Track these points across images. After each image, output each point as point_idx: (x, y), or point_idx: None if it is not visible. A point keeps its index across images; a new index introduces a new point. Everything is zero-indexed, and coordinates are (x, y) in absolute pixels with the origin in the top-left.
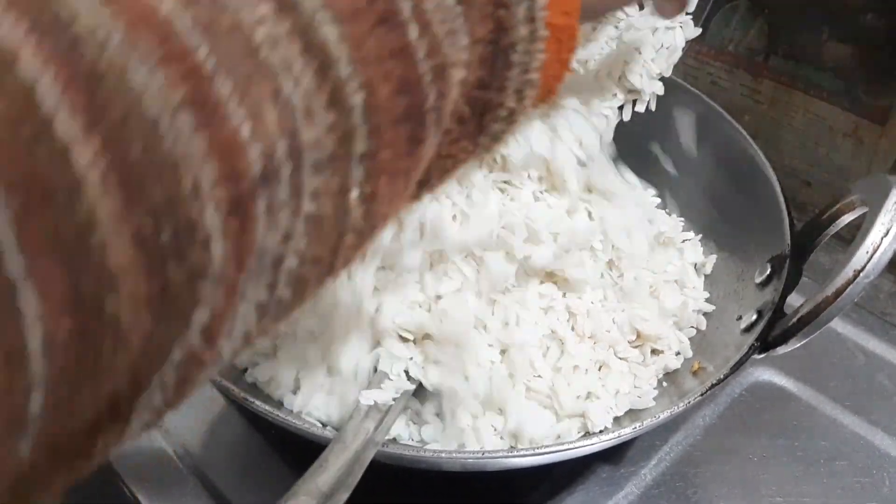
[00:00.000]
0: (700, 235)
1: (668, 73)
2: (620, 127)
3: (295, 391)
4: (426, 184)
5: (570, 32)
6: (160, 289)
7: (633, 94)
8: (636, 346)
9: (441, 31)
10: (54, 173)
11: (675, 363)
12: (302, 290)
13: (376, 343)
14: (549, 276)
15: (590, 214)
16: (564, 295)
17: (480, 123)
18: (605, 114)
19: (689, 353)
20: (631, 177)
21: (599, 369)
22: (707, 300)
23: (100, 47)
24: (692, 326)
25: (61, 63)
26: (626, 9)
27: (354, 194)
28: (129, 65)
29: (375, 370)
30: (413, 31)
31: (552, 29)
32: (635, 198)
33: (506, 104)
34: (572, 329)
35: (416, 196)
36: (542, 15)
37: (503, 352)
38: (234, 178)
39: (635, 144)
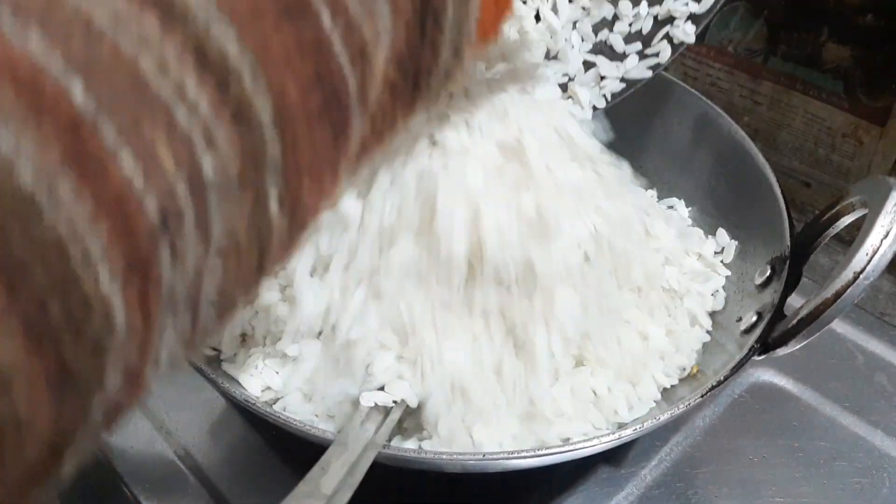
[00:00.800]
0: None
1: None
2: (619, 128)
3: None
4: (364, 154)
5: None
6: (59, 369)
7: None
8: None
9: (357, 10)
10: None
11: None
12: (229, 308)
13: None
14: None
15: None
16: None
17: (416, 87)
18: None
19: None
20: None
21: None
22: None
23: None
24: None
25: None
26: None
27: (274, 208)
28: None
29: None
30: (326, 18)
31: None
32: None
33: (441, 62)
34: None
35: (355, 166)
36: None
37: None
38: (128, 236)
39: (634, 145)
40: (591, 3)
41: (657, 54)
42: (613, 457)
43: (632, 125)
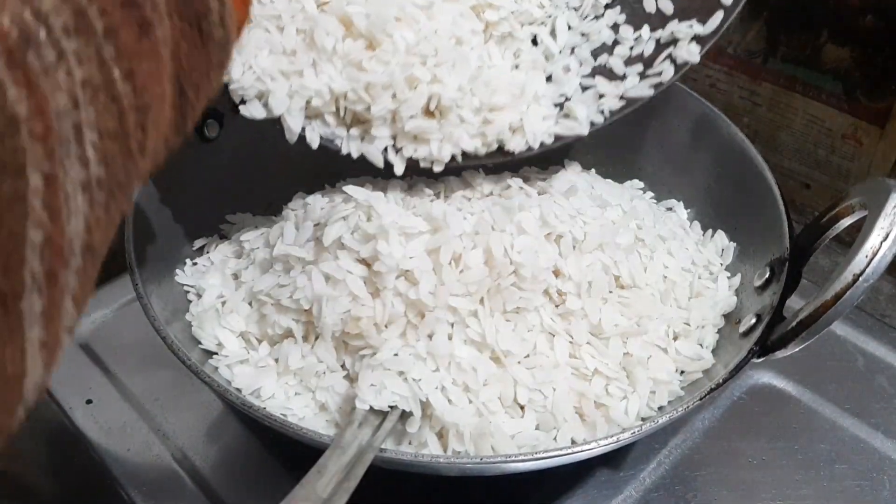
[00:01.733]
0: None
1: None
2: (618, 129)
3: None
4: (185, 99)
5: None
6: None
7: None
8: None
9: None
10: None
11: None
12: (113, 172)
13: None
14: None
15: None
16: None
17: (202, 33)
18: None
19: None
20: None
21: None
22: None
23: None
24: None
25: None
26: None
27: (115, 71)
28: None
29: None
30: None
31: None
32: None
33: (212, 8)
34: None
35: (183, 113)
36: None
37: (496, 359)
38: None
39: (633, 147)
40: (591, 29)
41: (659, 73)
42: (612, 459)
43: (631, 127)
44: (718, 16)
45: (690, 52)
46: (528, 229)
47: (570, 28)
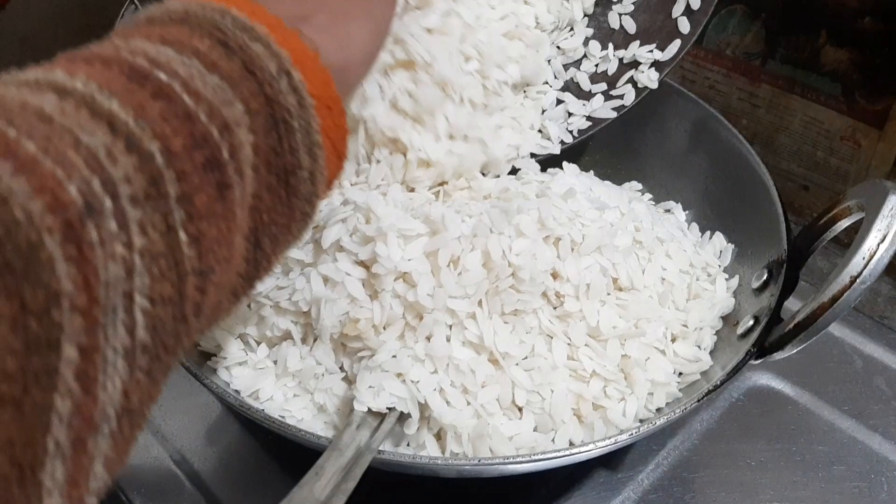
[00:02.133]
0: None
1: None
2: (616, 131)
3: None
4: (260, 251)
5: (334, 99)
6: (21, 309)
7: None
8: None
9: (215, 100)
10: None
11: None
12: (162, 338)
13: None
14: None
15: None
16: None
17: (288, 188)
18: None
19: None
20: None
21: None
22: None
23: None
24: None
25: None
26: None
27: (182, 235)
28: None
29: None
30: (189, 101)
31: (316, 97)
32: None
33: (303, 165)
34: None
35: (255, 264)
36: (302, 85)
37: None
38: (60, 208)
39: (631, 149)
40: (565, 44)
41: (622, 96)
42: (610, 461)
43: (629, 129)
44: (676, 44)
45: (650, 79)
46: (526, 232)
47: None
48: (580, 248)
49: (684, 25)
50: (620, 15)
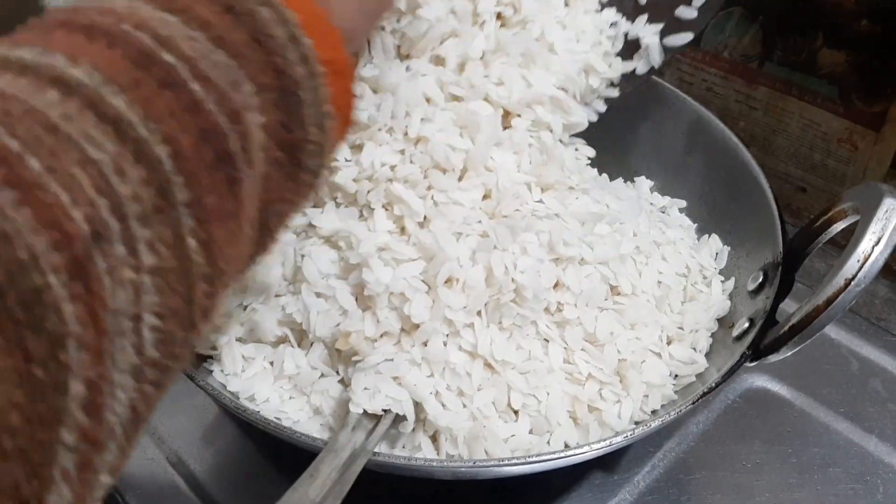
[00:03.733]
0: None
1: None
2: (614, 132)
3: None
4: (266, 230)
5: (343, 63)
6: (24, 361)
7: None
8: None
9: (223, 83)
10: None
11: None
12: (171, 349)
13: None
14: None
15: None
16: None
17: (296, 162)
18: None
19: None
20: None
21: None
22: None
23: None
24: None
25: None
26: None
27: (192, 243)
28: None
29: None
30: (197, 87)
31: (326, 64)
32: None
33: (312, 139)
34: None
35: (261, 244)
36: (313, 53)
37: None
38: (66, 243)
39: (628, 150)
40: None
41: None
42: (606, 463)
43: (626, 130)
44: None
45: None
46: (531, 252)
47: None
48: (584, 260)
49: None
50: None
